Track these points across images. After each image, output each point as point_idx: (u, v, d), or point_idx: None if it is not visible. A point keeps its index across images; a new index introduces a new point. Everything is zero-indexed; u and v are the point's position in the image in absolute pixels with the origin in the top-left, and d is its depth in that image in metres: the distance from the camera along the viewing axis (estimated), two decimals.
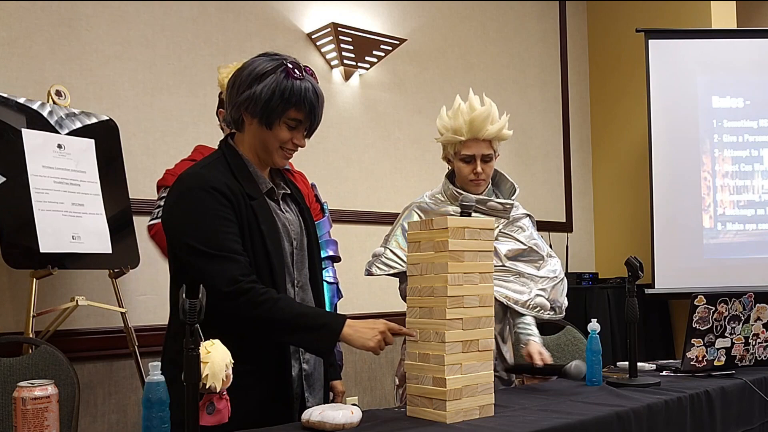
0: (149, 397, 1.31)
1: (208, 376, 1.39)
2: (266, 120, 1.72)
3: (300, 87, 1.71)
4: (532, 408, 1.81)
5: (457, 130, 2.30)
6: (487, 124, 2.28)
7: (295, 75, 1.71)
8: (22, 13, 2.93)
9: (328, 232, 2.70)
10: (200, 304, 1.33)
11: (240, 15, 3.56)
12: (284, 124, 1.74)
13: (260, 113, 1.71)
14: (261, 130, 1.74)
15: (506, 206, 2.39)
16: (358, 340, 1.68)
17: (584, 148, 5.35)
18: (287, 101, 1.70)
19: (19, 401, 1.33)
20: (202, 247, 1.64)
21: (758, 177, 4.47)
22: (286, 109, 1.71)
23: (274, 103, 1.70)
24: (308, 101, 1.73)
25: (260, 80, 1.70)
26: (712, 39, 4.52)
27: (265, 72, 1.71)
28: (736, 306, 2.32)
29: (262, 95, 1.69)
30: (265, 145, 1.76)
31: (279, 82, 1.70)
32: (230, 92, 1.76)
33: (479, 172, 2.31)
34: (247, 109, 1.72)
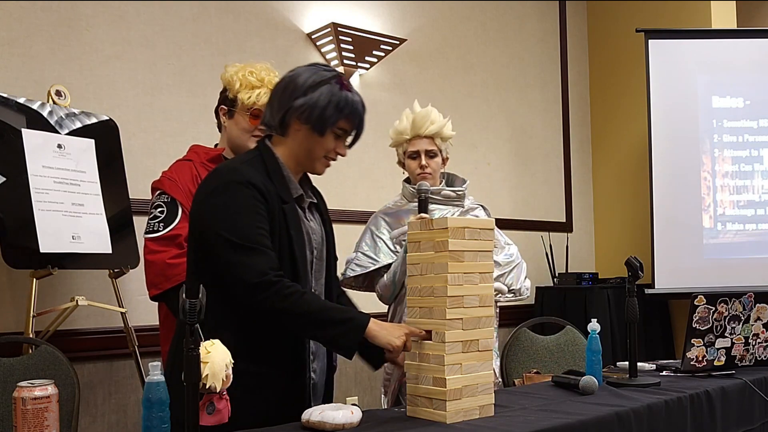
0: (149, 397, 1.31)
1: (208, 376, 1.39)
2: (319, 127, 1.77)
3: (352, 99, 1.80)
4: (532, 408, 1.81)
5: (402, 131, 2.65)
6: (427, 122, 2.59)
7: (348, 87, 1.81)
8: (22, 13, 2.93)
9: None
10: (200, 304, 1.33)
11: (240, 15, 3.56)
12: (333, 133, 1.80)
13: (314, 120, 1.76)
14: (311, 137, 1.79)
15: (458, 193, 2.66)
16: (384, 337, 1.67)
17: (584, 148, 5.35)
18: (340, 111, 1.77)
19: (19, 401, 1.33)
20: (234, 238, 1.66)
21: (758, 177, 4.47)
22: (339, 118, 1.78)
23: (328, 112, 1.76)
24: (358, 113, 1.82)
25: (316, 88, 1.76)
26: (712, 39, 4.52)
27: (320, 81, 1.77)
28: (736, 306, 2.32)
29: (318, 103, 1.75)
30: (311, 152, 1.81)
31: (334, 93, 1.77)
32: (280, 97, 1.80)
33: (424, 165, 2.59)
34: (300, 116, 1.77)
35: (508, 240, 2.75)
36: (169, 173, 2.35)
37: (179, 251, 2.15)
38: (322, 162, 1.84)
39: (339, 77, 1.80)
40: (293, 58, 3.72)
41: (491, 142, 4.68)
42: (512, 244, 2.73)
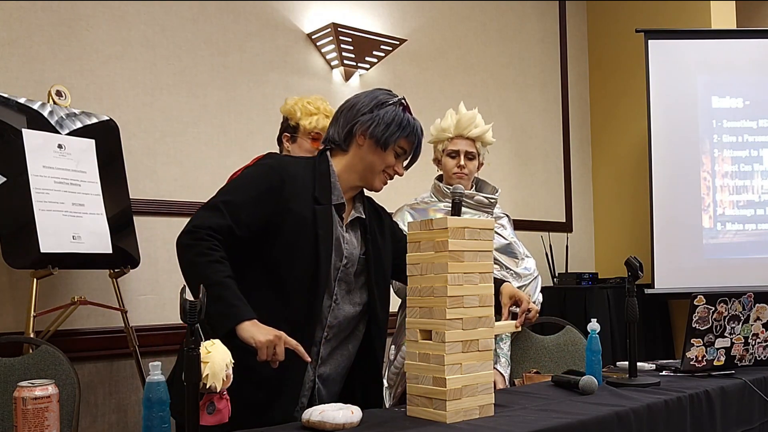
0: (149, 397, 1.31)
1: (208, 376, 1.39)
2: (383, 142, 1.89)
3: (413, 122, 1.95)
4: (532, 408, 1.81)
5: (445, 128, 2.67)
6: (472, 125, 2.65)
7: (410, 111, 1.96)
8: (22, 14, 2.93)
9: None
10: (200, 304, 1.33)
11: (240, 15, 3.56)
12: (393, 150, 1.92)
13: (379, 135, 1.88)
14: (373, 151, 1.90)
15: (491, 200, 2.69)
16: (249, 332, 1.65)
17: (584, 148, 5.35)
18: (403, 130, 1.91)
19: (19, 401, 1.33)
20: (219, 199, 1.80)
21: (758, 177, 4.47)
22: (401, 137, 1.91)
23: (392, 129, 1.89)
24: (417, 135, 1.95)
25: (382, 107, 1.90)
26: (711, 39, 4.52)
27: (386, 102, 1.92)
28: (735, 306, 2.32)
29: (384, 119, 1.88)
30: (372, 166, 1.92)
31: (398, 113, 1.91)
32: (346, 113, 1.93)
33: (462, 166, 2.63)
34: (366, 130, 1.89)
35: (527, 252, 2.77)
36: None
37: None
38: (381, 178, 1.95)
39: (401, 101, 1.95)
40: (293, 58, 3.73)
41: None
42: (530, 258, 2.75)
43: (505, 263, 2.66)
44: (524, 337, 3.15)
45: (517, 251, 2.71)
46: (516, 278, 2.63)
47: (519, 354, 3.11)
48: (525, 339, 3.15)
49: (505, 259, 2.67)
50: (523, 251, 2.74)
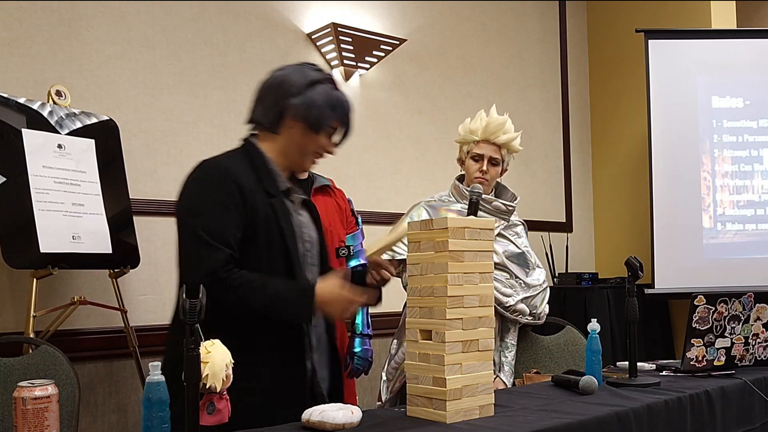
0: (149, 397, 1.31)
1: (208, 376, 1.39)
2: (316, 126, 1.82)
3: (344, 99, 1.88)
4: (532, 408, 1.81)
5: (473, 131, 2.61)
6: (500, 131, 2.58)
7: (339, 88, 1.88)
8: (22, 14, 2.93)
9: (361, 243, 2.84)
10: (200, 304, 1.33)
11: (240, 15, 3.56)
12: (326, 131, 1.86)
13: (312, 119, 1.81)
14: (306, 134, 1.83)
15: (509, 207, 2.66)
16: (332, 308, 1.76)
17: (584, 148, 5.35)
18: (335, 110, 1.84)
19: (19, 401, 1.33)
20: (199, 231, 1.70)
21: (758, 177, 4.47)
22: (334, 118, 1.85)
23: (325, 112, 1.82)
24: (348, 114, 1.89)
25: (313, 87, 1.82)
26: (711, 39, 4.52)
27: (315, 81, 1.83)
28: (735, 306, 2.32)
29: (315, 102, 1.81)
30: (304, 149, 1.85)
31: (329, 93, 1.84)
32: (274, 92, 1.84)
33: (485, 171, 2.58)
34: (295, 113, 1.81)
35: (539, 262, 2.74)
36: None
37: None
38: (311, 158, 1.89)
39: (330, 78, 1.87)
40: (293, 58, 3.72)
41: None
42: (541, 268, 2.73)
43: (515, 272, 2.63)
44: (524, 337, 3.15)
45: (529, 261, 2.68)
46: (525, 289, 2.60)
47: (519, 354, 3.11)
48: (525, 339, 3.15)
49: (516, 268, 2.63)
50: (534, 261, 2.71)
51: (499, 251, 2.59)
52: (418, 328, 1.71)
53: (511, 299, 2.56)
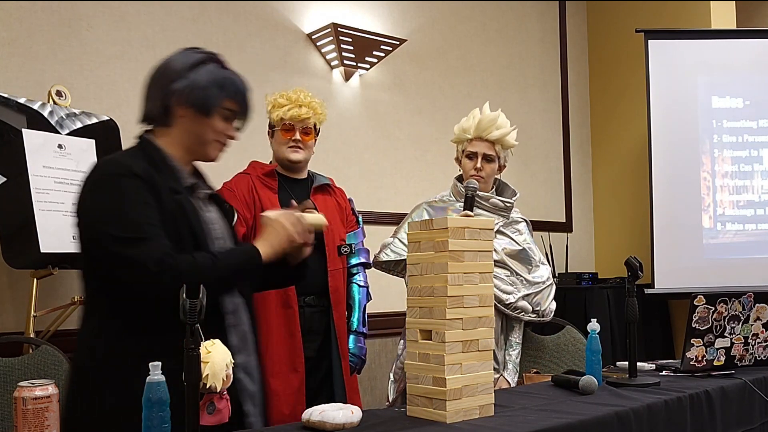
0: (149, 397, 1.31)
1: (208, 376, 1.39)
2: (204, 108, 1.68)
3: (234, 78, 1.72)
4: (532, 408, 1.81)
5: (466, 129, 2.63)
6: (492, 127, 2.59)
7: (227, 66, 1.73)
8: (22, 14, 2.93)
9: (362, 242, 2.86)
10: (200, 304, 1.33)
11: (240, 15, 3.56)
12: (220, 114, 1.72)
13: (199, 101, 1.68)
14: (197, 120, 1.70)
15: (507, 204, 2.66)
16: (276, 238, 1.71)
17: (584, 148, 5.35)
18: (223, 89, 1.70)
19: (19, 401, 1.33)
20: (121, 233, 1.55)
21: (758, 177, 4.47)
22: (223, 97, 1.70)
23: (212, 91, 1.68)
24: (242, 92, 1.74)
25: (195, 69, 1.69)
26: (711, 39, 4.52)
27: (198, 61, 1.70)
28: (735, 306, 2.32)
29: (200, 83, 1.67)
30: (201, 137, 1.72)
31: (214, 71, 1.70)
32: (157, 83, 1.72)
33: (479, 168, 2.59)
34: (181, 99, 1.68)
35: (543, 259, 2.73)
36: (228, 184, 2.61)
37: None
38: (215, 146, 1.75)
39: (216, 57, 1.73)
40: (293, 58, 3.73)
41: None
42: (546, 265, 2.72)
43: (516, 269, 2.61)
44: (524, 337, 3.15)
45: (531, 258, 2.66)
46: (527, 286, 2.60)
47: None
48: (525, 339, 3.15)
49: (517, 265, 2.62)
50: (538, 258, 2.69)
51: (498, 248, 2.59)
52: (418, 328, 1.71)
53: (511, 296, 2.56)
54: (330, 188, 2.78)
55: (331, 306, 2.61)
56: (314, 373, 2.56)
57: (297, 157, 2.63)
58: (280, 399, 2.45)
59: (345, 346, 2.65)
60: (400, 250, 2.64)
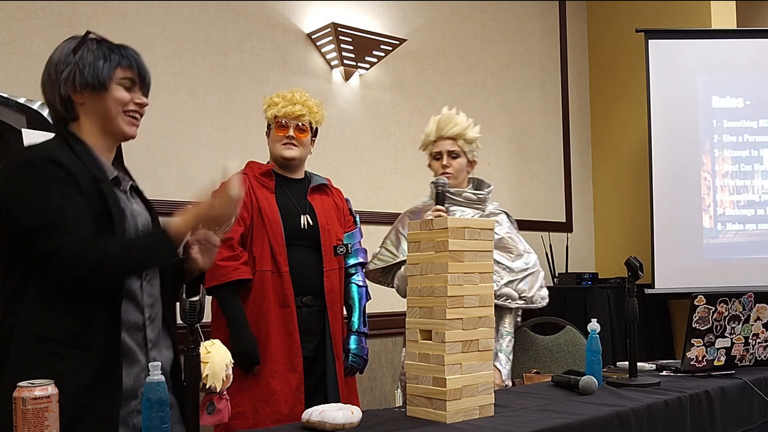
0: (149, 397, 1.31)
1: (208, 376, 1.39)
2: (98, 83, 1.66)
3: (116, 47, 1.70)
4: (532, 408, 1.81)
5: (428, 133, 2.76)
6: (450, 124, 2.69)
7: (107, 40, 1.71)
8: (22, 14, 2.93)
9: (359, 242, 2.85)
10: (200, 305, 1.33)
11: (240, 15, 3.56)
12: (118, 85, 1.69)
13: (90, 79, 1.65)
14: (96, 98, 1.67)
15: (479, 196, 2.74)
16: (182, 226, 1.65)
17: (584, 148, 5.35)
18: (109, 59, 1.67)
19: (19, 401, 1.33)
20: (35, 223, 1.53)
21: (758, 177, 4.47)
22: (113, 67, 1.67)
23: (98, 65, 1.65)
24: (131, 56, 1.71)
25: (75, 53, 1.67)
26: (712, 39, 4.52)
27: (76, 46, 1.68)
28: (735, 306, 2.32)
29: (85, 61, 1.65)
30: (107, 113, 1.68)
31: (95, 48, 1.68)
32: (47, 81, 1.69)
33: (446, 165, 2.68)
34: (74, 83, 1.66)
35: (528, 248, 2.77)
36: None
37: (231, 253, 2.46)
38: (125, 120, 1.70)
39: (92, 36, 1.70)
40: (293, 58, 3.73)
41: (491, 142, 4.68)
42: (531, 253, 2.75)
43: (496, 258, 2.63)
44: (524, 337, 3.16)
45: (512, 246, 2.70)
46: (509, 272, 2.63)
47: (519, 354, 3.11)
48: (525, 339, 3.15)
49: (497, 254, 2.65)
50: (523, 248, 2.73)
51: None
52: (418, 328, 1.71)
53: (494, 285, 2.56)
54: (327, 188, 2.78)
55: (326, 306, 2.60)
56: (311, 373, 2.56)
57: (290, 154, 2.62)
58: (278, 398, 2.44)
59: (339, 347, 2.64)
60: (386, 257, 2.70)
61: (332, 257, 2.65)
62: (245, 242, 2.53)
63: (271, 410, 2.42)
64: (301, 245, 2.59)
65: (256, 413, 2.42)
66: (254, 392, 2.44)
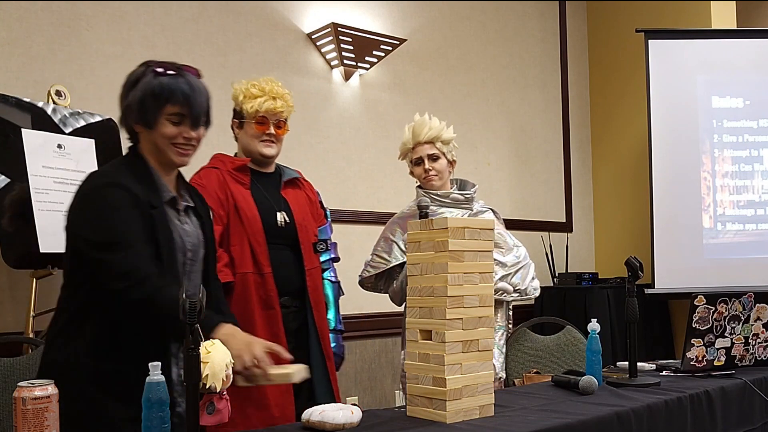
0: (149, 397, 1.31)
1: (208, 376, 1.39)
2: (145, 121, 1.77)
3: (169, 82, 1.76)
4: (532, 408, 1.81)
5: (405, 142, 2.79)
6: (425, 128, 2.73)
7: (164, 73, 1.76)
8: (22, 14, 2.93)
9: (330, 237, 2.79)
10: (200, 304, 1.33)
11: (240, 15, 3.56)
12: (166, 120, 1.77)
13: (139, 117, 1.77)
14: (147, 133, 1.79)
15: (466, 196, 2.76)
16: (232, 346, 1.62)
17: (584, 148, 5.35)
18: (158, 98, 1.75)
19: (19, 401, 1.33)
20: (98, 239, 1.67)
21: (758, 177, 4.47)
22: (161, 106, 1.75)
23: (147, 104, 1.75)
24: (181, 93, 1.76)
25: (133, 87, 1.77)
26: (712, 39, 4.52)
27: (135, 78, 1.78)
28: (735, 306, 2.32)
29: (136, 99, 1.76)
30: (158, 146, 1.79)
31: (148, 84, 1.75)
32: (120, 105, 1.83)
33: (429, 169, 2.72)
34: (130, 118, 1.79)
35: (517, 242, 2.80)
36: (198, 179, 2.44)
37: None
38: (174, 151, 1.80)
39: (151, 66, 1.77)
40: (293, 58, 3.73)
41: (491, 142, 4.68)
42: (521, 246, 2.79)
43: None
44: (524, 337, 3.16)
45: (502, 242, 2.71)
46: (502, 267, 2.65)
47: (519, 354, 3.11)
48: (525, 339, 3.15)
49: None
50: (513, 242, 2.76)
51: None
52: (418, 328, 1.71)
53: None
54: (299, 182, 2.67)
55: (308, 306, 2.49)
56: None
57: (271, 152, 2.51)
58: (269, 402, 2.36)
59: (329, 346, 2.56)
60: (379, 264, 2.71)
61: (312, 255, 2.55)
62: (223, 241, 2.39)
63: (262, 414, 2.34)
64: (279, 244, 2.47)
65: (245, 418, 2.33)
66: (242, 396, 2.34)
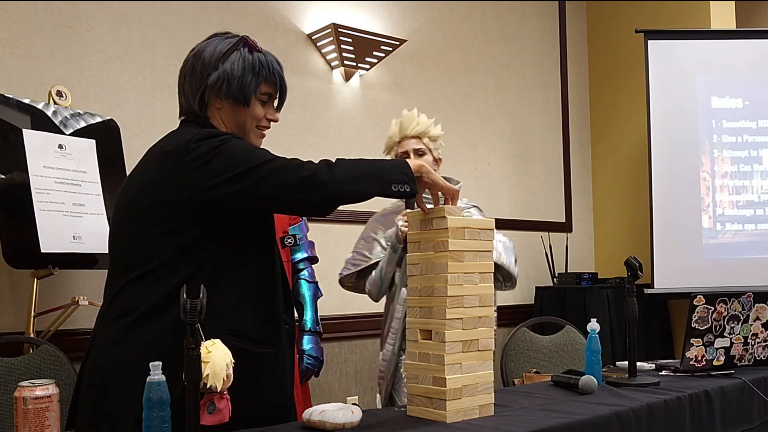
0: (149, 397, 1.32)
1: (209, 375, 1.39)
2: (243, 97, 1.65)
3: (266, 60, 1.70)
4: (532, 408, 1.81)
5: (392, 135, 2.74)
6: (413, 123, 2.69)
7: (258, 48, 1.69)
8: (22, 14, 2.93)
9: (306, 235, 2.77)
10: (201, 304, 1.33)
11: (240, 15, 3.56)
12: (258, 100, 1.69)
13: (235, 92, 1.64)
14: (237, 110, 1.67)
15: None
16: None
17: (584, 148, 5.35)
18: (258, 75, 1.67)
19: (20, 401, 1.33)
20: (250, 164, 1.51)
21: (757, 177, 4.47)
22: (259, 83, 1.68)
23: (247, 79, 1.65)
24: (277, 73, 1.71)
25: (226, 58, 1.64)
26: (711, 39, 4.52)
27: (228, 49, 1.65)
28: (735, 306, 2.32)
29: (234, 73, 1.64)
30: (242, 126, 1.69)
31: (246, 58, 1.65)
32: (190, 78, 1.67)
33: None
34: (219, 92, 1.65)
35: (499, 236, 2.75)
36: None
37: None
38: (257, 133, 1.72)
39: (245, 40, 1.69)
40: (293, 58, 3.73)
41: (491, 142, 4.68)
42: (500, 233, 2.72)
43: None
44: (524, 337, 3.16)
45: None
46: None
47: (519, 354, 3.12)
48: (525, 339, 3.16)
49: None
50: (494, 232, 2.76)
51: None
52: (418, 328, 1.71)
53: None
54: None
55: None
56: None
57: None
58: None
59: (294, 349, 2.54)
60: (357, 261, 2.68)
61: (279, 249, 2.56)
62: None
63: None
64: None
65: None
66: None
